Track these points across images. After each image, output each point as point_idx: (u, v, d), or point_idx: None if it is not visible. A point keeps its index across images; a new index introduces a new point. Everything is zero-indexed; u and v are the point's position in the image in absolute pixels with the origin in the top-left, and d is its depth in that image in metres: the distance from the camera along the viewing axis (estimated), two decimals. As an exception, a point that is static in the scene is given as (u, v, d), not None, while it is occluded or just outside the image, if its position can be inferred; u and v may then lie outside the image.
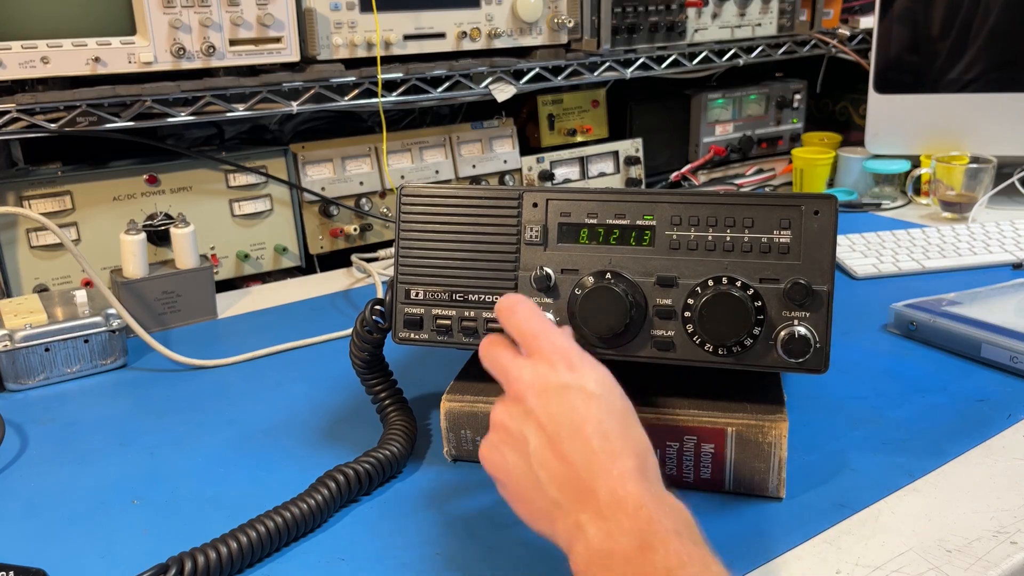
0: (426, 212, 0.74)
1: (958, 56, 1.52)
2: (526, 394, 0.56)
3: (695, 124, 1.67)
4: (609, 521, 0.50)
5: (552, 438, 0.53)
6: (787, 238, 0.67)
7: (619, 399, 0.56)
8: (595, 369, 0.57)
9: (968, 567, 0.60)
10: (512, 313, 0.60)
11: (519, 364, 0.58)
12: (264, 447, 0.80)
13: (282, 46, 1.13)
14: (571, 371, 0.56)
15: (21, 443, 0.82)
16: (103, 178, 1.16)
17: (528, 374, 0.57)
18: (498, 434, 0.57)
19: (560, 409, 0.54)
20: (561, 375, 0.56)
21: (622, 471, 0.51)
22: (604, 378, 0.57)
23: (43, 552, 0.66)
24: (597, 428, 0.53)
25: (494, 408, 0.59)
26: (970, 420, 0.80)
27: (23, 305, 0.97)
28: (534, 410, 0.55)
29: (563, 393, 0.55)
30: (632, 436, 0.54)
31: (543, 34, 1.33)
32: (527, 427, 0.55)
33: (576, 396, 0.55)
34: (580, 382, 0.55)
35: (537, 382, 0.56)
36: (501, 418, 0.57)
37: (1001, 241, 1.26)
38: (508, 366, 0.59)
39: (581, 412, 0.54)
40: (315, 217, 1.31)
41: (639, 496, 0.50)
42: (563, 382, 0.55)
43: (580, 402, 0.54)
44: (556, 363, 0.56)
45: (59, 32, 1.02)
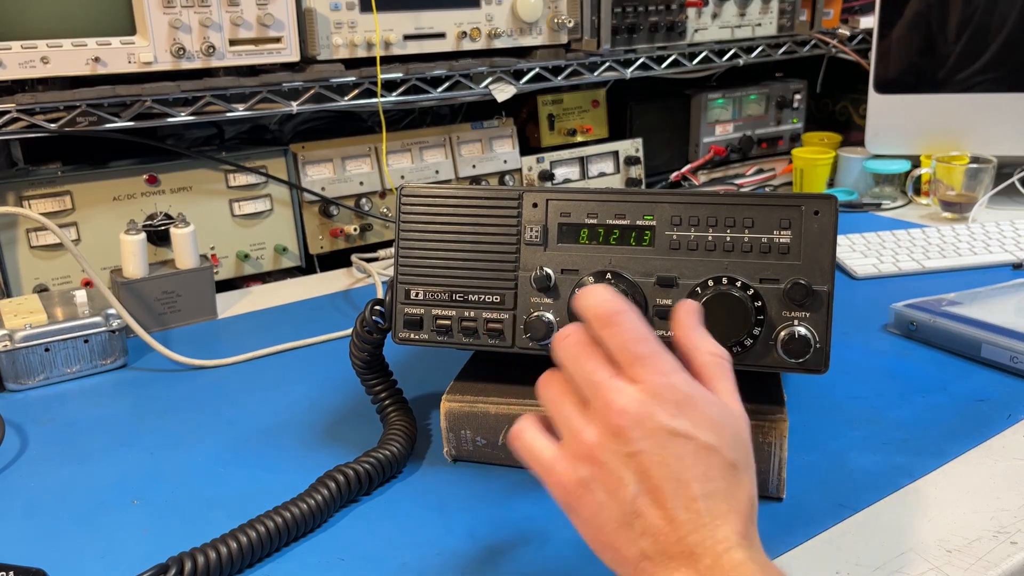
0: (426, 212, 0.74)
1: (958, 56, 1.52)
2: (631, 432, 0.49)
3: (695, 124, 1.67)
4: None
5: (655, 490, 0.48)
6: (787, 238, 0.67)
7: (731, 448, 0.50)
8: (709, 409, 0.51)
9: (968, 567, 0.60)
10: (614, 324, 0.52)
11: (622, 389, 0.50)
12: (264, 447, 0.80)
13: (282, 46, 1.13)
14: (684, 414, 0.49)
15: (21, 443, 0.82)
16: (103, 178, 1.16)
17: (635, 407, 0.49)
18: (589, 467, 0.50)
19: (668, 459, 0.49)
20: (674, 418, 0.49)
21: (727, 535, 0.48)
22: (719, 421, 0.50)
23: (43, 552, 0.66)
24: (705, 487, 0.48)
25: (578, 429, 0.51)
26: (970, 420, 0.80)
27: (23, 305, 0.97)
28: (639, 454, 0.49)
29: (673, 441, 0.49)
30: (740, 495, 0.50)
31: (543, 34, 1.33)
32: (627, 470, 0.49)
33: (687, 447, 0.49)
34: (693, 431, 0.49)
35: (646, 420, 0.49)
36: (595, 450, 0.50)
37: (1001, 241, 1.26)
38: (607, 387, 0.51)
39: (690, 467, 0.48)
40: (315, 217, 1.31)
41: (744, 566, 0.47)
42: (674, 428, 0.49)
43: (690, 454, 0.49)
44: (667, 401, 0.50)
45: (59, 32, 1.02)
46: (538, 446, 0.53)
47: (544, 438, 0.54)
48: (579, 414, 0.52)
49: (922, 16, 1.53)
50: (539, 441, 0.53)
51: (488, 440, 0.74)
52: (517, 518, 0.68)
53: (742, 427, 0.52)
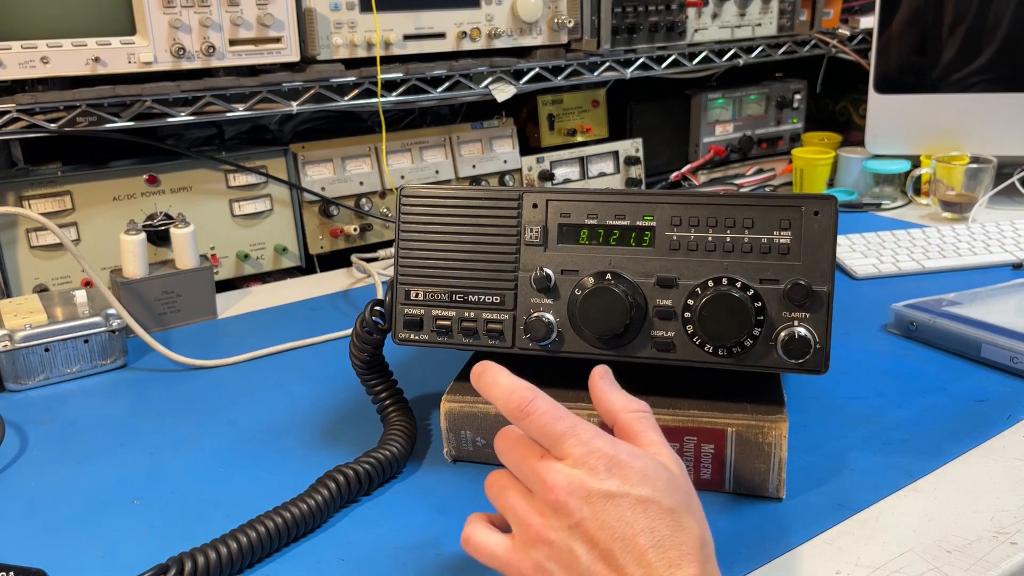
0: (426, 212, 0.74)
1: (958, 56, 1.52)
2: (567, 503, 0.51)
3: (695, 124, 1.67)
4: None
5: (606, 553, 0.50)
6: (787, 238, 0.67)
7: (666, 495, 0.51)
8: (636, 463, 0.52)
9: (968, 567, 0.60)
10: (527, 414, 0.54)
11: (552, 468, 0.52)
12: (264, 447, 0.80)
13: (282, 46, 1.13)
14: (611, 475, 0.51)
15: (21, 443, 0.82)
16: (103, 178, 1.16)
17: (564, 480, 0.51)
18: (540, 550, 0.52)
19: (609, 521, 0.50)
20: (604, 482, 0.51)
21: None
22: (649, 473, 0.52)
23: (43, 552, 0.66)
24: (650, 538, 0.49)
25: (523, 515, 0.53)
26: (970, 420, 0.80)
27: (23, 305, 0.98)
28: (581, 523, 0.50)
29: (609, 502, 0.50)
30: (687, 538, 0.50)
31: (543, 34, 1.33)
32: (574, 541, 0.51)
33: (623, 504, 0.50)
34: (624, 488, 0.51)
35: (578, 490, 0.51)
36: (540, 531, 0.52)
37: (1001, 241, 1.26)
38: (539, 470, 0.53)
39: (630, 522, 0.50)
40: (315, 217, 1.31)
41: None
42: (606, 490, 0.51)
43: (628, 511, 0.50)
44: (595, 466, 0.51)
45: (59, 32, 1.02)
46: (490, 543, 0.55)
47: (494, 534, 0.56)
48: (523, 501, 0.54)
49: (922, 16, 1.53)
50: (491, 538, 0.55)
51: (488, 440, 0.74)
52: (517, 518, 0.68)
53: (675, 473, 0.54)
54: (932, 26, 1.52)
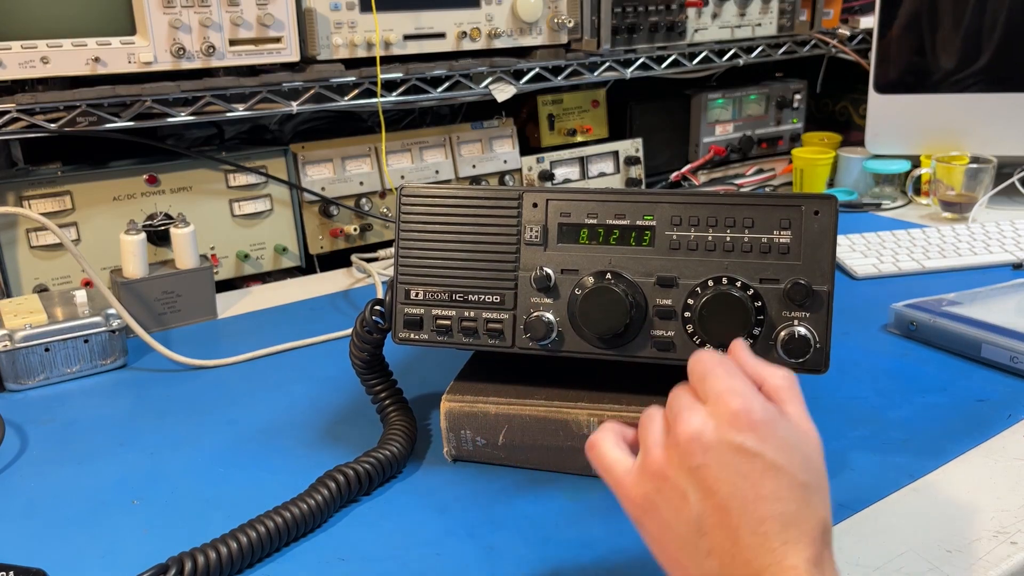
0: (426, 212, 0.74)
1: (958, 56, 1.52)
2: (693, 445, 0.49)
3: (695, 124, 1.67)
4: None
5: (720, 508, 0.47)
6: (787, 238, 0.67)
7: (802, 469, 0.49)
8: (779, 429, 0.49)
9: (968, 567, 0.60)
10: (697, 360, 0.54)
11: (693, 407, 0.51)
12: (264, 447, 0.80)
13: (282, 46, 1.13)
14: (752, 431, 0.48)
15: (21, 443, 0.82)
16: (103, 178, 1.16)
17: (698, 420, 0.50)
18: (653, 480, 0.50)
19: (733, 477, 0.47)
20: (739, 434, 0.48)
21: (796, 563, 0.46)
22: (789, 441, 0.49)
23: (43, 552, 0.66)
24: (773, 509, 0.47)
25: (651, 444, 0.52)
26: (970, 420, 0.80)
27: (23, 305, 0.97)
28: (701, 468, 0.48)
29: (738, 458, 0.48)
30: (812, 518, 0.48)
31: (543, 34, 1.33)
32: (691, 485, 0.48)
33: (753, 465, 0.48)
34: (760, 448, 0.48)
35: (708, 434, 0.49)
36: (659, 464, 0.50)
37: (1001, 241, 1.26)
38: (680, 406, 0.51)
39: (757, 486, 0.47)
40: (315, 217, 1.31)
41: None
42: (739, 444, 0.48)
43: (758, 474, 0.47)
44: (736, 417, 0.49)
45: (59, 32, 1.02)
46: (611, 458, 0.54)
47: (619, 450, 0.54)
48: (658, 433, 0.52)
49: (922, 16, 1.53)
50: (613, 453, 0.54)
51: (488, 440, 0.74)
52: (517, 518, 0.68)
53: (814, 448, 0.51)
54: (932, 26, 1.52)
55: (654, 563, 0.62)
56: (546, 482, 0.72)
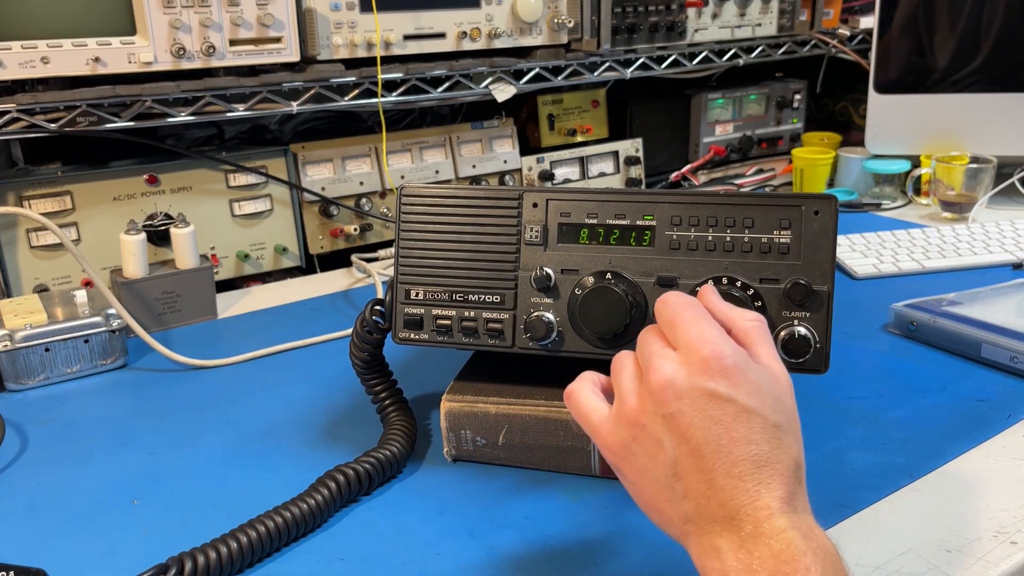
0: (426, 212, 0.74)
1: (958, 56, 1.52)
2: (665, 391, 0.50)
3: (695, 124, 1.67)
4: (752, 554, 0.46)
5: (694, 452, 0.48)
6: (787, 238, 0.67)
7: (773, 410, 0.50)
8: (750, 373, 0.50)
9: (968, 567, 0.60)
10: (663, 303, 0.54)
11: (664, 353, 0.51)
12: (264, 447, 0.80)
13: (282, 46, 1.13)
14: (724, 376, 0.49)
15: (21, 443, 0.82)
16: (103, 178, 1.16)
17: (670, 367, 0.50)
18: (628, 428, 0.51)
19: (706, 422, 0.48)
20: (711, 380, 0.49)
21: (769, 502, 0.47)
22: (760, 384, 0.50)
23: (43, 552, 0.66)
24: (746, 451, 0.48)
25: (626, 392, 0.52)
26: (970, 420, 0.80)
27: (23, 305, 0.97)
28: (675, 415, 0.49)
29: (711, 403, 0.49)
30: (784, 459, 0.49)
31: (543, 34, 1.33)
32: (665, 432, 0.50)
33: (726, 410, 0.49)
34: (732, 393, 0.49)
35: (680, 379, 0.50)
36: (634, 412, 0.51)
37: (1001, 241, 1.26)
38: (652, 352, 0.52)
39: (730, 430, 0.48)
40: (315, 217, 1.31)
41: (785, 533, 0.46)
42: (711, 389, 0.49)
43: (730, 418, 0.48)
44: (707, 364, 0.50)
45: (59, 32, 1.02)
46: (588, 406, 0.55)
47: (596, 399, 0.55)
48: (632, 381, 0.53)
49: (922, 16, 1.53)
50: (590, 401, 0.55)
51: (488, 440, 0.74)
52: (517, 518, 0.68)
53: (784, 389, 0.52)
54: (932, 26, 1.52)
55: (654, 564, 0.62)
56: (546, 482, 0.72)
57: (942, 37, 1.52)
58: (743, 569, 0.46)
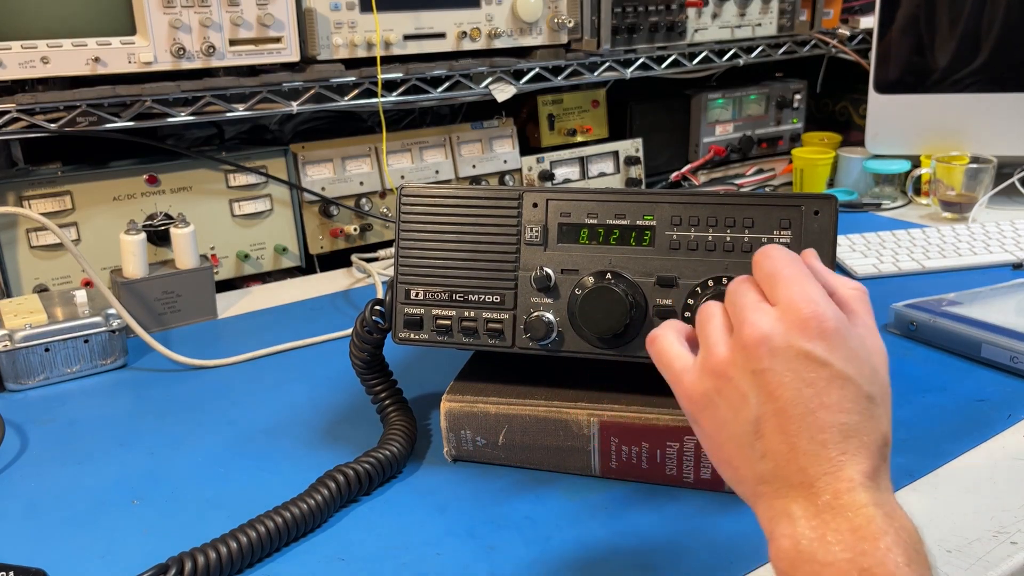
0: (426, 212, 0.74)
1: (958, 56, 1.52)
2: (759, 347, 0.47)
3: (695, 124, 1.67)
4: (827, 525, 0.44)
5: (780, 413, 0.46)
6: (787, 238, 0.67)
7: (868, 382, 0.47)
8: (849, 339, 0.48)
9: (968, 567, 0.60)
10: (766, 255, 0.52)
11: (761, 308, 0.49)
12: (264, 447, 0.80)
13: (282, 46, 1.13)
14: (823, 339, 0.47)
15: (21, 443, 0.82)
16: (103, 178, 1.16)
17: (767, 323, 0.48)
18: (714, 378, 0.49)
19: (798, 383, 0.46)
20: (809, 341, 0.47)
21: (852, 475, 0.45)
22: (857, 352, 0.48)
23: (43, 552, 0.66)
24: (835, 419, 0.46)
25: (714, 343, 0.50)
26: (970, 420, 0.80)
27: (23, 305, 0.97)
28: (766, 372, 0.47)
29: (805, 363, 0.47)
30: (873, 433, 0.47)
31: (543, 34, 1.33)
32: (753, 388, 0.47)
33: (820, 374, 0.46)
34: (829, 357, 0.47)
35: (777, 337, 0.47)
36: (722, 364, 0.49)
37: (1001, 241, 1.26)
38: (747, 305, 0.50)
39: (821, 394, 0.46)
40: (315, 217, 1.31)
41: (866, 509, 0.44)
42: (808, 351, 0.47)
43: (823, 381, 0.46)
44: (805, 324, 0.47)
45: (59, 32, 1.02)
46: (672, 353, 0.53)
47: (680, 345, 0.53)
48: (721, 332, 0.51)
49: (922, 16, 1.53)
50: (674, 348, 0.53)
51: (488, 440, 0.74)
52: (517, 518, 0.68)
53: (880, 362, 0.50)
54: (932, 26, 1.52)
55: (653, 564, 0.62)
56: (546, 482, 0.72)
57: (942, 37, 1.52)
58: (816, 538, 0.44)
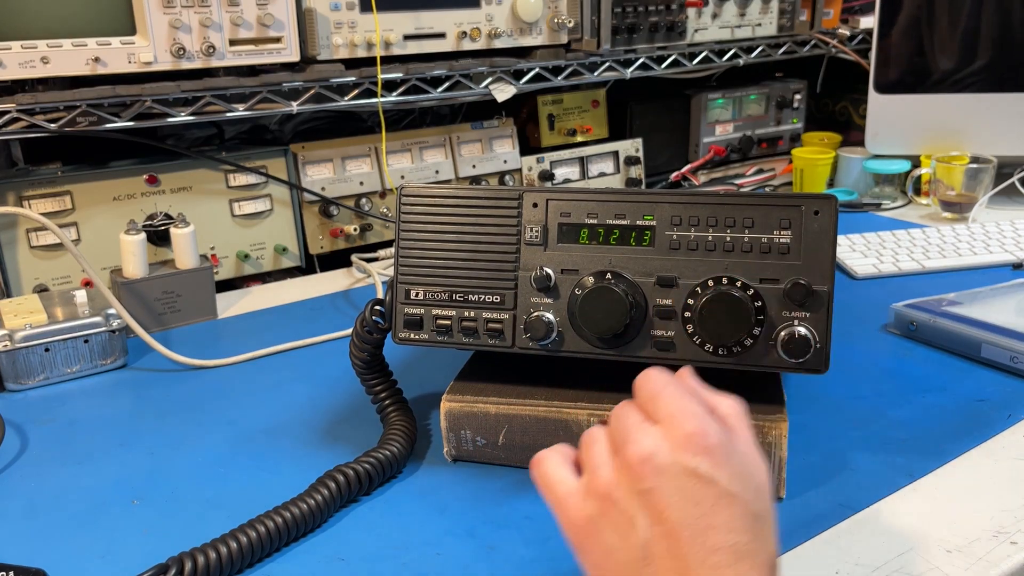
0: (426, 212, 0.74)
1: (958, 56, 1.52)
2: (644, 465, 0.46)
3: (695, 124, 1.67)
4: None
5: (670, 535, 0.45)
6: (787, 238, 0.67)
7: (754, 500, 0.46)
8: (734, 456, 0.47)
9: (968, 567, 0.60)
10: (645, 378, 0.51)
11: (644, 427, 0.48)
12: (264, 447, 0.80)
13: (282, 46, 1.13)
14: (708, 455, 0.46)
15: (21, 443, 0.82)
16: (103, 178, 1.16)
17: (651, 441, 0.47)
18: (598, 501, 0.47)
19: (685, 503, 0.45)
20: (695, 458, 0.46)
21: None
22: (743, 470, 0.47)
23: (43, 552, 0.66)
24: (726, 540, 0.44)
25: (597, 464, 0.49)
26: (970, 420, 0.80)
27: (23, 305, 0.97)
28: (653, 491, 0.45)
29: (691, 481, 0.45)
30: (763, 554, 0.45)
31: (543, 34, 1.33)
32: (639, 509, 0.46)
33: (707, 492, 0.45)
34: (715, 474, 0.45)
35: (662, 454, 0.46)
36: (606, 485, 0.47)
37: (1001, 241, 1.26)
38: (630, 426, 0.49)
39: (709, 514, 0.45)
40: (315, 217, 1.31)
41: None
42: (694, 468, 0.45)
43: (711, 501, 0.45)
44: (691, 437, 0.46)
45: (59, 32, 1.02)
46: (556, 476, 0.51)
47: (565, 470, 0.51)
48: (605, 454, 0.49)
49: (922, 16, 1.53)
50: (559, 471, 0.51)
51: (488, 440, 0.74)
52: (517, 518, 0.68)
53: (764, 480, 0.49)
54: (932, 26, 1.52)
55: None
56: (546, 482, 0.72)
57: (942, 37, 1.52)
58: None
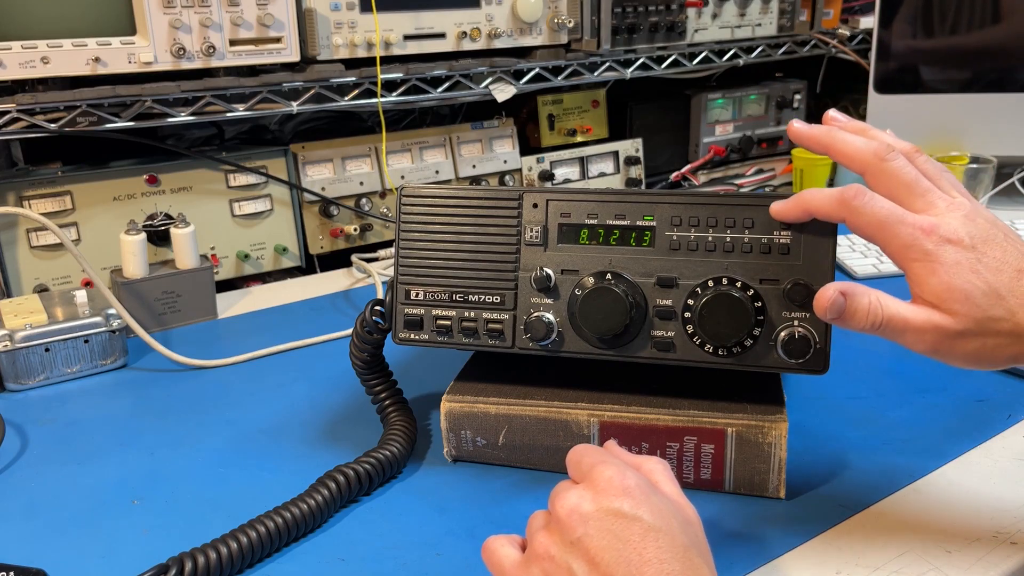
0: (426, 212, 0.74)
1: (958, 56, 1.52)
2: (572, 518, 0.49)
3: (695, 124, 1.67)
4: None
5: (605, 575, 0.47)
6: (787, 238, 0.67)
7: (682, 532, 0.49)
8: (653, 498, 0.50)
9: (968, 567, 0.60)
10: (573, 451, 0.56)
11: (569, 487, 0.52)
12: (264, 447, 0.80)
13: (282, 46, 1.13)
14: (627, 495, 0.49)
15: (21, 443, 0.82)
16: (103, 178, 1.16)
17: (575, 496, 0.50)
18: (539, 562, 0.50)
19: (614, 543, 0.47)
20: (616, 499, 0.49)
21: None
22: (664, 507, 0.50)
23: (43, 552, 0.66)
24: (658, 570, 0.46)
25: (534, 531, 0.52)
26: (970, 420, 0.80)
27: (23, 305, 0.97)
28: (583, 539, 0.48)
29: (616, 521, 0.48)
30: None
31: (543, 34, 1.33)
32: (574, 559, 0.48)
33: (632, 528, 0.48)
34: (636, 511, 0.48)
35: (585, 503, 0.50)
36: (543, 546, 0.50)
37: (1001, 241, 1.26)
38: (559, 491, 0.52)
39: (639, 549, 0.47)
40: (315, 217, 1.31)
41: None
42: (616, 508, 0.49)
43: (637, 536, 0.47)
44: (610, 482, 0.50)
45: (59, 32, 1.02)
46: (501, 554, 0.54)
47: (509, 547, 0.54)
48: (540, 521, 0.53)
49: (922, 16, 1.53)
50: (504, 550, 0.54)
51: (488, 440, 0.74)
52: (517, 518, 0.68)
53: (691, 516, 0.52)
54: (932, 26, 1.52)
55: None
56: (546, 482, 0.72)
57: (942, 37, 1.52)
58: None
